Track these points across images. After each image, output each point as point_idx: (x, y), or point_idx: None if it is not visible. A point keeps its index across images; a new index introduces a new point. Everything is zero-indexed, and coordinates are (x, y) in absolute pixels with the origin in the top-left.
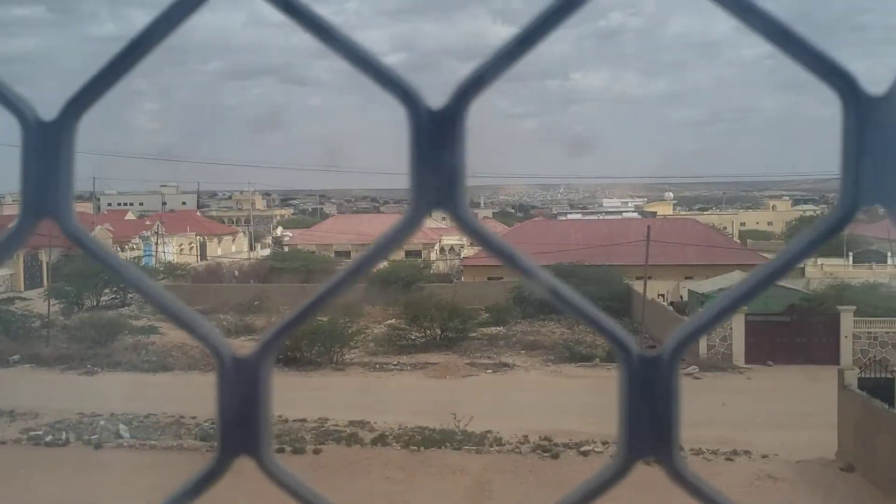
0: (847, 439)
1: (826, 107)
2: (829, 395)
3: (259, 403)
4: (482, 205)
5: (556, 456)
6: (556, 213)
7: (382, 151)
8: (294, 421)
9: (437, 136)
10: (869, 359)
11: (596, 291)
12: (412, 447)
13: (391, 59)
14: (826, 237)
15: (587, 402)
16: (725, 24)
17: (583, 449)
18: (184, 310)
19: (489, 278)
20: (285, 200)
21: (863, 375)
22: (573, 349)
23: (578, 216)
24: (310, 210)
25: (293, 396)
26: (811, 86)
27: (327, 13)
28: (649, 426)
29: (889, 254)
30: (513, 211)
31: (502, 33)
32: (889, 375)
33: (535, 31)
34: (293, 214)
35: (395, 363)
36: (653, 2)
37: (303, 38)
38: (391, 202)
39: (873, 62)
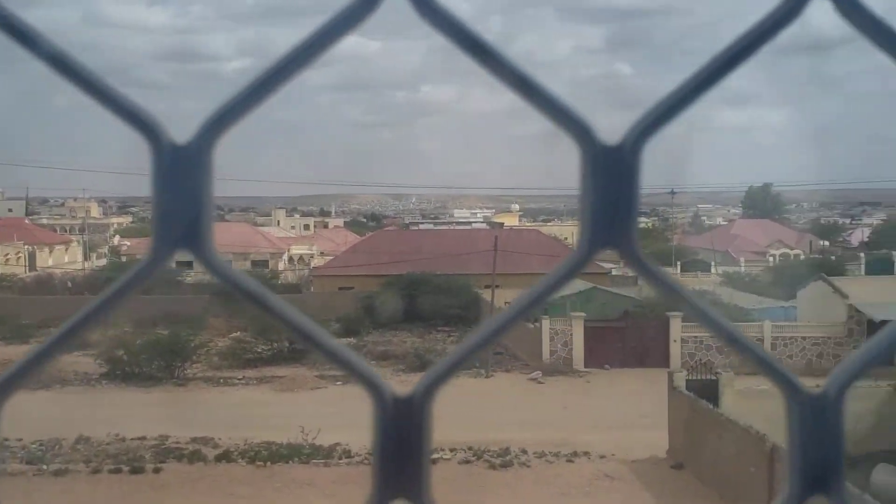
0: (677, 438)
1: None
2: (661, 396)
3: None
4: (333, 213)
5: None
6: (408, 222)
7: (229, 157)
8: (132, 439)
9: (181, 171)
10: (696, 361)
11: (446, 300)
12: (258, 462)
13: (237, 65)
14: (566, 278)
15: (435, 409)
16: (565, 44)
17: (431, 457)
18: None
19: (340, 288)
20: (123, 208)
21: (690, 377)
22: (424, 358)
23: (430, 226)
24: (150, 218)
25: (131, 413)
26: (644, 105)
27: (170, 16)
28: (402, 467)
29: (713, 263)
30: (365, 220)
31: (352, 43)
32: (714, 377)
33: (287, 67)
34: (132, 222)
35: (240, 377)
36: (499, 20)
37: (144, 41)
38: (237, 210)
39: None
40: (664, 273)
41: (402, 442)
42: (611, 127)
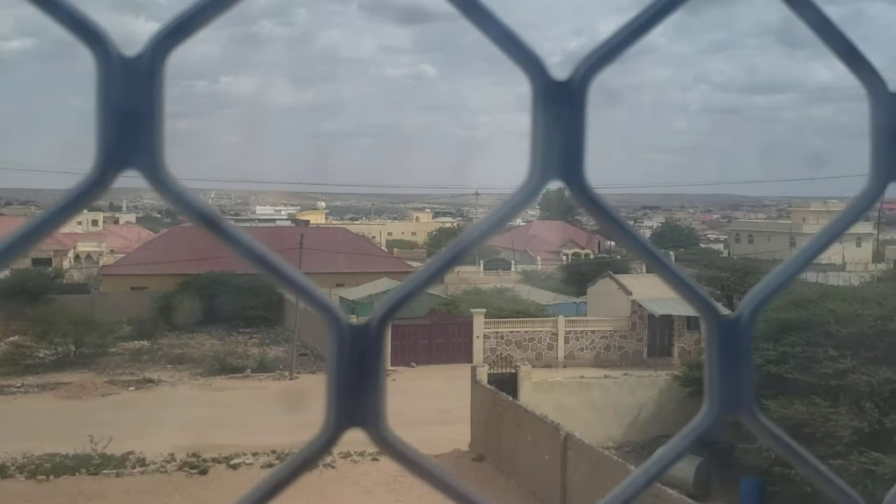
0: (479, 431)
1: (462, 128)
2: (464, 390)
3: None
4: (124, 208)
5: (204, 472)
6: None
7: (5, 146)
8: None
9: (130, 85)
10: (497, 356)
11: (248, 300)
12: (40, 476)
13: (15, 45)
14: (520, 208)
15: (236, 413)
16: (371, 42)
17: (232, 462)
18: None
19: (132, 288)
20: None
21: (492, 371)
22: (224, 361)
23: (231, 223)
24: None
25: None
26: (448, 108)
27: None
28: (358, 395)
29: (513, 262)
30: (159, 216)
31: (145, 28)
32: (513, 370)
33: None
34: None
35: (18, 385)
36: (304, 13)
37: None
38: (16, 203)
39: (502, 89)
40: (610, 207)
41: (357, 370)
42: (418, 125)
